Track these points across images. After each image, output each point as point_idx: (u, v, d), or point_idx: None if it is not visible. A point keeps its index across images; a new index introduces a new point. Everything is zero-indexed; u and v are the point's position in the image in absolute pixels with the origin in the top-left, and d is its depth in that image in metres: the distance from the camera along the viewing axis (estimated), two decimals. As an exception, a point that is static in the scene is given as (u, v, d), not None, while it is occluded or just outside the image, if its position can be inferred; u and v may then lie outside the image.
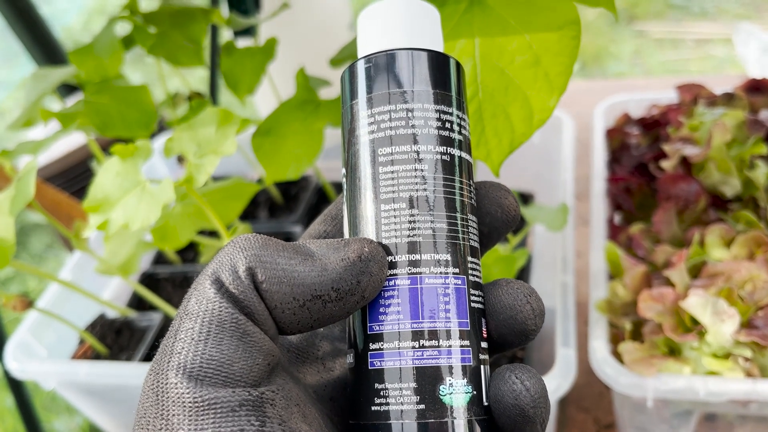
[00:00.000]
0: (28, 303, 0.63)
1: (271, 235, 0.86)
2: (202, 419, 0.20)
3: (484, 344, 0.24)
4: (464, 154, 0.26)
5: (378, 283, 0.23)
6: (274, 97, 0.77)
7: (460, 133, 0.26)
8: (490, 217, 0.27)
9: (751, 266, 0.54)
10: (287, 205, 0.91)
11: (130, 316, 0.77)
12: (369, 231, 0.24)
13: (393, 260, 0.24)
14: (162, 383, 0.20)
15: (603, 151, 0.78)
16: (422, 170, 0.24)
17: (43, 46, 1.54)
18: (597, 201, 0.71)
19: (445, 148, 0.25)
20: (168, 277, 0.84)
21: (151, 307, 0.79)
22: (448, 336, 0.23)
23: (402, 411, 0.23)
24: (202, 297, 0.21)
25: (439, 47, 0.28)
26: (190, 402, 0.20)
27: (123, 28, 0.69)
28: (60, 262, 1.95)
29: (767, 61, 1.09)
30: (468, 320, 0.24)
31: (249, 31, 0.79)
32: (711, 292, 0.53)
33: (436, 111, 0.25)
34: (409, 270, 0.24)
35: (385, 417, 0.23)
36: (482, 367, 0.24)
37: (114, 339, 0.75)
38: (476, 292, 0.25)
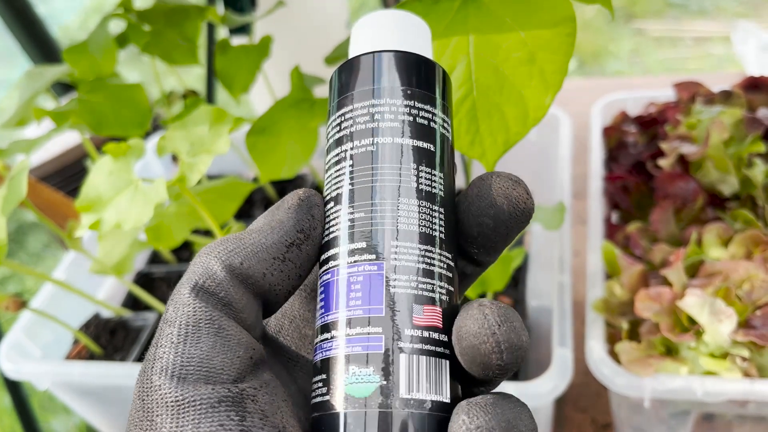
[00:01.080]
0: (21, 303, 0.63)
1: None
2: (183, 417, 0.20)
3: (413, 332, 0.23)
4: (418, 142, 0.25)
5: (323, 212, 0.25)
6: (270, 96, 0.77)
7: (423, 125, 0.25)
8: (495, 210, 0.24)
9: (748, 265, 0.54)
10: (283, 204, 0.91)
11: (125, 316, 0.76)
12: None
13: (325, 256, 0.24)
14: (147, 387, 0.21)
15: (600, 149, 0.78)
16: (350, 165, 0.25)
17: (40, 45, 1.53)
18: (594, 200, 0.71)
19: (375, 138, 0.25)
20: (163, 277, 0.84)
21: (146, 307, 0.78)
22: (355, 324, 0.23)
23: (318, 403, 0.23)
24: (179, 303, 0.22)
25: (426, 53, 0.28)
26: (172, 401, 0.21)
27: (117, 26, 0.69)
28: (57, 262, 1.94)
29: (766, 60, 1.08)
30: (383, 307, 0.23)
31: (244, 29, 0.79)
32: (708, 292, 0.53)
33: (405, 106, 0.25)
34: (332, 264, 0.24)
35: (312, 409, 0.23)
36: (403, 356, 0.22)
37: (108, 339, 0.75)
38: (405, 276, 0.23)
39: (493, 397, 0.21)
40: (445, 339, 0.23)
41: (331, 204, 0.25)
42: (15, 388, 0.89)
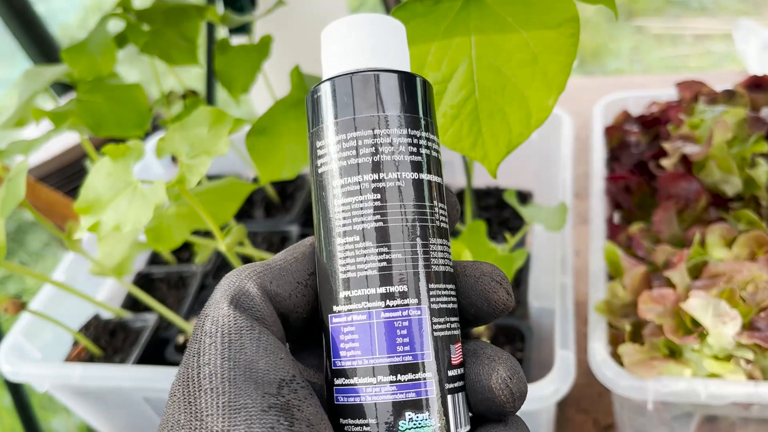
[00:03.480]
0: (20, 305, 0.62)
1: (267, 234, 0.85)
2: (235, 417, 0.21)
3: (452, 372, 0.24)
4: (431, 177, 0.25)
5: None
6: (269, 95, 0.76)
7: (425, 154, 0.25)
8: (475, 309, 0.26)
9: (752, 267, 0.54)
10: (283, 204, 0.90)
11: (125, 318, 0.76)
12: (332, 263, 0.24)
13: (349, 295, 0.24)
14: (195, 391, 0.22)
15: (602, 149, 0.77)
16: (375, 199, 0.24)
17: (40, 44, 1.53)
18: (596, 200, 0.70)
19: (402, 173, 0.24)
20: (163, 278, 0.84)
21: (146, 308, 0.78)
22: (406, 370, 0.23)
23: None
24: (217, 316, 0.24)
25: (404, 65, 0.27)
26: (224, 402, 0.22)
27: (116, 26, 0.68)
28: (57, 261, 1.94)
29: None
30: (430, 351, 0.23)
31: (244, 29, 0.79)
32: (712, 294, 0.53)
33: (399, 135, 0.24)
34: (364, 305, 0.23)
35: None
36: (449, 396, 0.23)
37: (108, 340, 0.74)
38: (442, 319, 0.24)
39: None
40: (463, 371, 0.25)
41: (355, 238, 0.24)
42: (15, 388, 0.89)
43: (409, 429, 0.22)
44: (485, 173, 0.73)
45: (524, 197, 0.85)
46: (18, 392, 0.90)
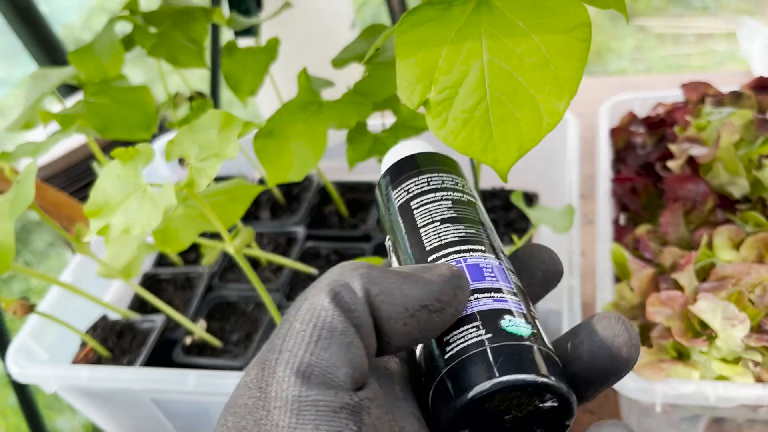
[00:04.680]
0: (29, 307, 0.63)
1: (273, 236, 0.84)
2: (303, 415, 0.21)
3: (535, 316, 0.27)
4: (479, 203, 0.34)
5: (466, 298, 0.26)
6: (276, 98, 0.76)
7: (470, 194, 0.34)
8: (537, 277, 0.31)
9: (760, 269, 0.54)
10: (289, 205, 0.91)
11: (132, 319, 0.76)
12: (417, 252, 0.30)
13: (465, 248, 0.29)
14: (268, 377, 0.22)
15: (608, 150, 0.77)
16: (448, 202, 0.32)
17: (43, 44, 1.53)
18: (602, 202, 0.70)
19: (461, 194, 0.33)
20: (170, 279, 0.84)
21: (153, 310, 0.78)
22: (499, 290, 0.27)
23: (471, 344, 0.24)
24: (316, 305, 0.23)
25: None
26: (293, 397, 0.21)
27: (123, 28, 0.68)
28: (62, 261, 1.94)
29: (772, 58, 1.07)
30: (513, 287, 0.28)
31: (250, 31, 0.79)
32: (720, 296, 0.53)
33: (450, 179, 0.34)
34: (478, 254, 0.28)
35: (456, 356, 0.24)
36: (538, 325, 0.26)
37: (116, 341, 0.75)
38: (514, 277, 0.29)
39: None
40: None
41: (437, 222, 0.30)
42: (21, 387, 0.89)
43: (509, 327, 0.25)
44: (491, 175, 0.73)
45: (530, 198, 0.85)
46: (23, 391, 0.90)
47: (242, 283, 0.80)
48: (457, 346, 0.25)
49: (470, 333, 0.25)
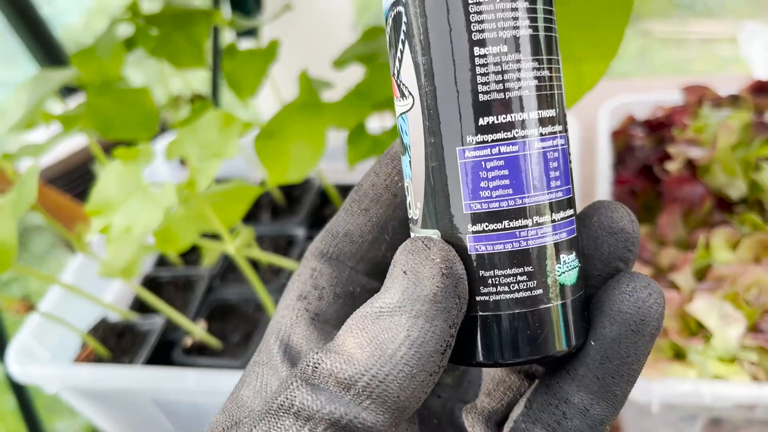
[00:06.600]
0: (29, 306, 0.63)
1: (274, 237, 0.84)
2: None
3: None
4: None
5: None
6: (277, 99, 0.77)
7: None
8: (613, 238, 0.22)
9: (757, 269, 0.54)
10: (290, 207, 0.91)
11: (132, 319, 0.77)
12: (463, 82, 0.20)
13: (493, 122, 0.20)
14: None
15: (608, 152, 0.78)
16: (517, 10, 0.20)
17: (44, 45, 1.53)
18: (601, 203, 0.70)
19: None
20: (170, 280, 0.84)
21: (153, 311, 0.79)
22: (560, 208, 0.20)
23: (519, 299, 0.20)
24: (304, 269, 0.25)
25: None
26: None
27: (125, 30, 0.69)
28: (62, 264, 1.94)
29: (772, 61, 1.08)
30: (572, 185, 0.21)
31: (251, 33, 0.79)
32: (717, 296, 0.53)
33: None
34: (516, 133, 0.20)
35: (496, 307, 0.20)
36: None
37: (116, 342, 0.75)
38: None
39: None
40: None
41: (504, 48, 0.19)
42: (19, 390, 0.89)
43: (564, 273, 0.20)
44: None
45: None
46: (22, 394, 0.90)
47: (243, 284, 0.81)
48: (495, 291, 0.20)
49: (518, 280, 0.20)
